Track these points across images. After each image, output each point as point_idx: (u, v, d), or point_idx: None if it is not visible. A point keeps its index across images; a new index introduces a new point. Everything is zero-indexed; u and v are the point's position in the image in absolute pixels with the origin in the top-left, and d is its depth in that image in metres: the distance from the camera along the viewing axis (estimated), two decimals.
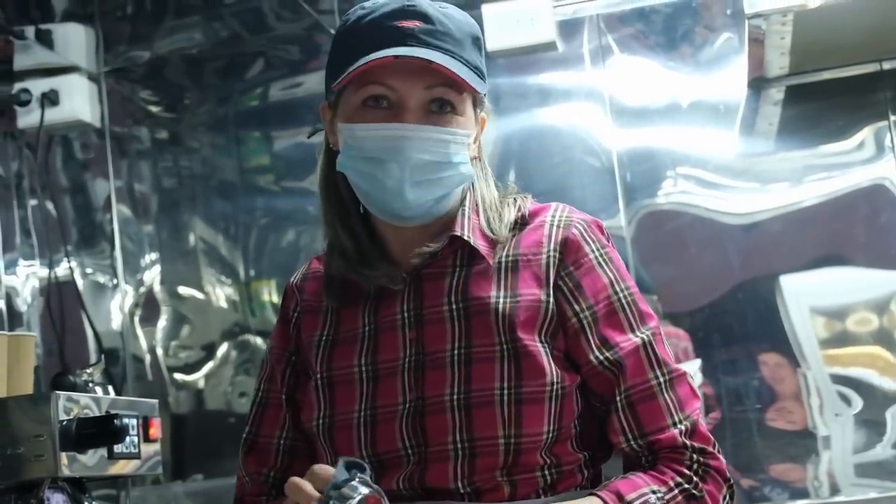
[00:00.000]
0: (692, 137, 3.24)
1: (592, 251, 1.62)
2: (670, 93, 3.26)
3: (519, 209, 1.67)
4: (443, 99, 1.56)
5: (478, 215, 1.64)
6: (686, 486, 1.54)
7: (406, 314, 1.60)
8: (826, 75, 3.17)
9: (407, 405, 1.55)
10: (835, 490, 3.04)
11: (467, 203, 1.64)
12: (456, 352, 1.55)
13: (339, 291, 1.66)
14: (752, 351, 3.12)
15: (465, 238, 1.60)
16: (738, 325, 3.14)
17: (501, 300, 1.57)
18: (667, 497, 1.52)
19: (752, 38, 2.93)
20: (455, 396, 1.53)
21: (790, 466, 3.08)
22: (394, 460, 1.55)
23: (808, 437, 3.07)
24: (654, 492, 1.52)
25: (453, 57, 1.56)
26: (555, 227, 1.63)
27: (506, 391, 1.52)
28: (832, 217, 3.14)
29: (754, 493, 3.08)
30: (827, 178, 3.15)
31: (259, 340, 3.44)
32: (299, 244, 3.46)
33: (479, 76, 1.60)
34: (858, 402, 3.05)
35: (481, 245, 1.61)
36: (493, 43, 3.22)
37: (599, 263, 1.62)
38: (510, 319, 1.55)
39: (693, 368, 3.11)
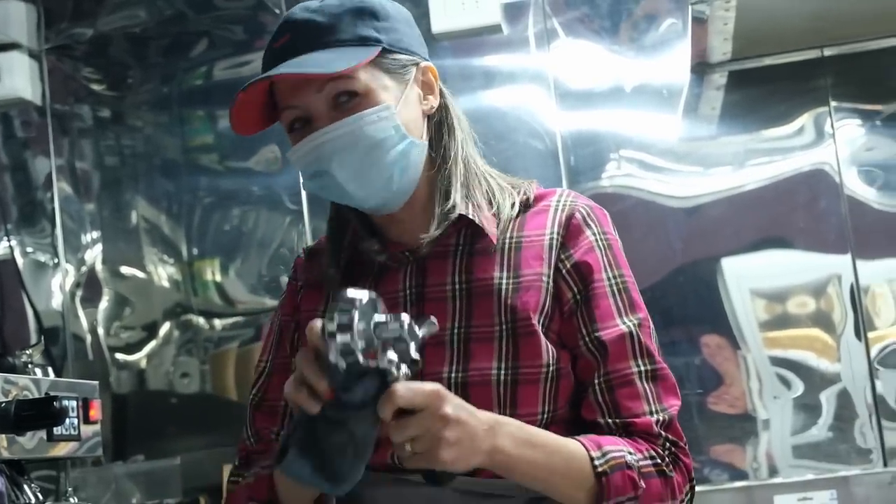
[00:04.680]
0: (636, 121, 3.25)
1: (593, 234, 1.65)
2: (614, 76, 3.27)
3: (524, 192, 1.69)
4: (339, 92, 1.57)
5: (468, 188, 1.65)
6: (658, 461, 1.57)
7: (408, 291, 1.62)
8: (768, 61, 3.20)
9: None
10: (773, 471, 3.07)
11: (456, 178, 1.64)
12: (456, 331, 1.57)
13: (342, 267, 1.67)
14: (693, 333, 3.15)
15: (471, 217, 1.62)
16: (680, 308, 3.16)
17: (504, 281, 1.59)
18: (640, 462, 1.54)
19: (695, 23, 2.95)
20: (452, 375, 1.54)
21: (730, 448, 3.11)
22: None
23: (748, 420, 3.10)
24: (629, 453, 1.54)
25: (319, 49, 1.56)
26: (559, 211, 1.66)
27: (502, 371, 1.54)
28: (773, 201, 3.17)
29: (693, 475, 3.10)
30: (768, 162, 3.18)
31: (202, 320, 3.42)
32: (243, 224, 3.44)
33: (357, 44, 1.58)
34: (798, 385, 3.09)
35: (485, 221, 1.62)
36: (438, 25, 3.23)
37: (598, 247, 1.64)
38: (512, 300, 1.57)
39: None
